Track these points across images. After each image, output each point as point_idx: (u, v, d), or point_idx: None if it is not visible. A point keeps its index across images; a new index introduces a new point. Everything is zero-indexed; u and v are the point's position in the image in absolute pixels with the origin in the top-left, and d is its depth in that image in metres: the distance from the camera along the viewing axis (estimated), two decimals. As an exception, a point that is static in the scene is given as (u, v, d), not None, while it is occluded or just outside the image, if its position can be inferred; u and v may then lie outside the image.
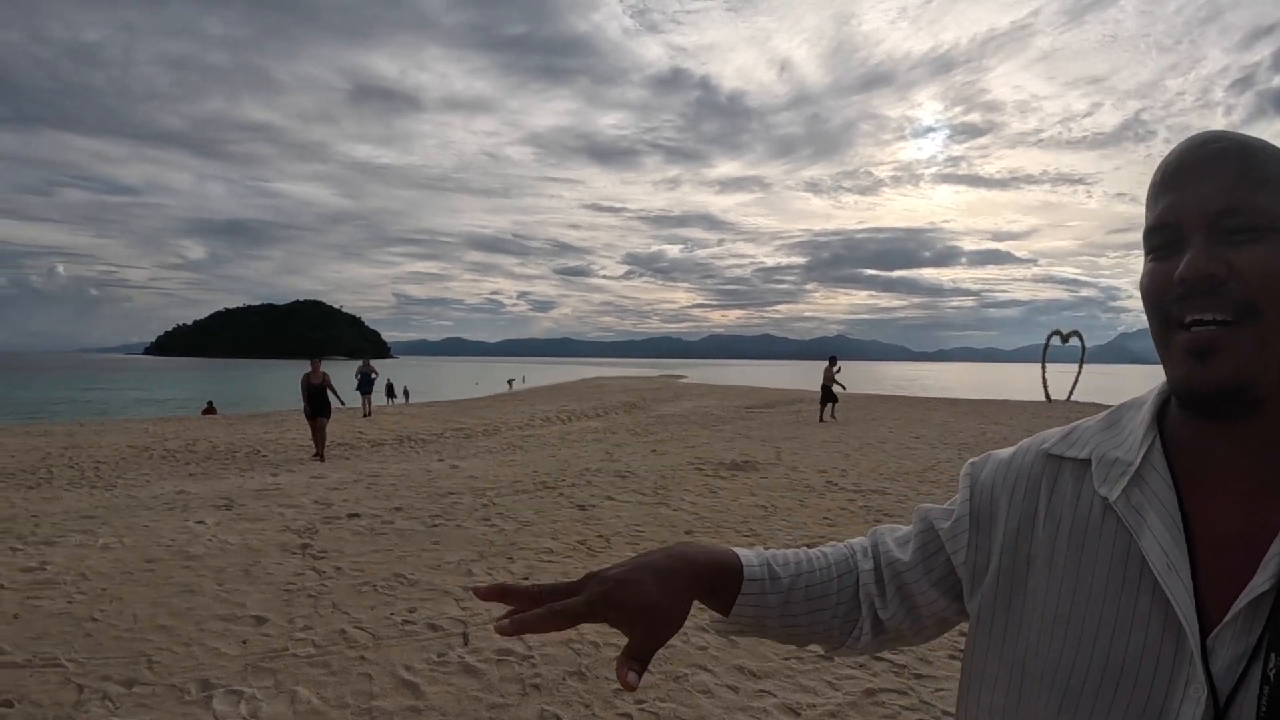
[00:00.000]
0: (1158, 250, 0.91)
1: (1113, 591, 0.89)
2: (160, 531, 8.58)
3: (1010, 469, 1.06)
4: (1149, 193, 0.95)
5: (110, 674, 4.81)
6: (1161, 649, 0.85)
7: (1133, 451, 0.95)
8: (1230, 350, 0.83)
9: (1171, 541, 0.87)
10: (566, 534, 8.76)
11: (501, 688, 4.74)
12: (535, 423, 26.87)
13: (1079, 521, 0.95)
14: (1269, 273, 0.84)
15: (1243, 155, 0.88)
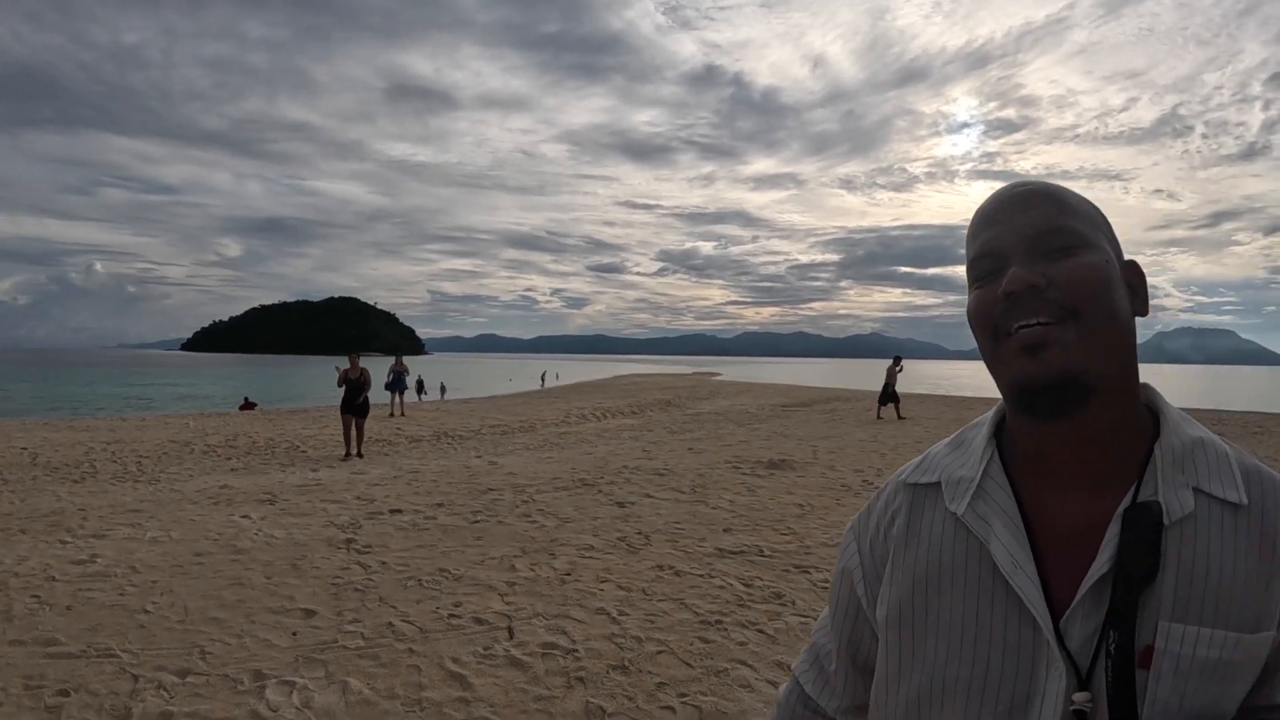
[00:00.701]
0: (982, 278, 1.03)
1: (972, 597, 0.99)
2: (207, 525, 8.73)
3: (872, 515, 1.18)
4: (970, 232, 1.08)
5: (164, 664, 4.91)
6: (1021, 639, 0.95)
7: (974, 468, 1.06)
8: (1058, 343, 0.94)
9: (1015, 542, 0.98)
10: (606, 531, 8.82)
11: (547, 680, 4.81)
12: (571, 420, 26.94)
13: (936, 540, 1.05)
14: (1083, 279, 0.97)
15: (1052, 193, 1.04)
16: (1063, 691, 0.91)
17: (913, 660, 1.03)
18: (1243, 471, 0.99)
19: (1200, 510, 0.95)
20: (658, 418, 27.87)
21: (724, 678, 4.90)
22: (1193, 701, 0.91)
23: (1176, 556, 0.93)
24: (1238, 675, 0.93)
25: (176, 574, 6.81)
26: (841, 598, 1.20)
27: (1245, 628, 0.93)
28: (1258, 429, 23.47)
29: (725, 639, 5.53)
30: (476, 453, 16.90)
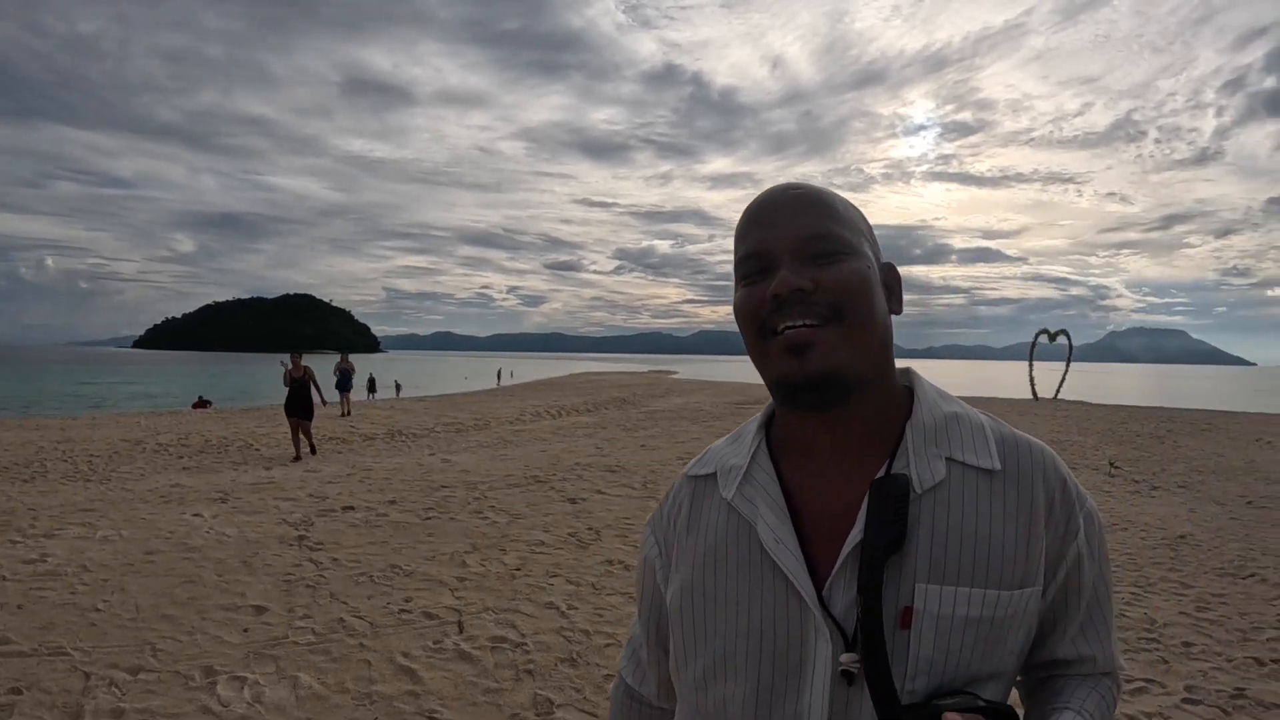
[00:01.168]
0: (750, 276, 1.10)
1: (744, 575, 1.09)
2: (158, 524, 8.75)
3: (664, 509, 1.28)
4: (737, 231, 1.14)
5: (116, 662, 4.98)
6: (789, 610, 1.04)
7: (744, 456, 1.17)
8: (822, 344, 1.02)
9: (778, 521, 1.08)
10: (557, 527, 8.97)
11: (496, 673, 4.95)
12: (526, 417, 26.97)
13: (713, 525, 1.16)
14: (848, 284, 1.05)
15: (821, 199, 1.10)
16: (831, 655, 1.01)
17: (697, 638, 1.12)
18: (998, 440, 1.10)
19: (954, 478, 1.06)
20: (613, 415, 27.98)
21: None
22: (959, 657, 1.00)
23: (930, 522, 1.03)
24: (1008, 631, 1.02)
25: (128, 572, 6.85)
26: (645, 587, 1.29)
27: (1006, 584, 1.02)
28: (1206, 426, 23.99)
29: (670, 631, 5.68)
30: (430, 450, 16.95)
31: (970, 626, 1.00)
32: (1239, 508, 11.09)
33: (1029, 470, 1.08)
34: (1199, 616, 6.28)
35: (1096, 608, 1.14)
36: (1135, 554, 8.22)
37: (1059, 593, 1.10)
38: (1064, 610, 1.12)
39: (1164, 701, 4.75)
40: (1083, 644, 1.14)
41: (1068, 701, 1.11)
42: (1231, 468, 15.08)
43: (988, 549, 1.02)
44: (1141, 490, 12.56)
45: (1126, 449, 17.96)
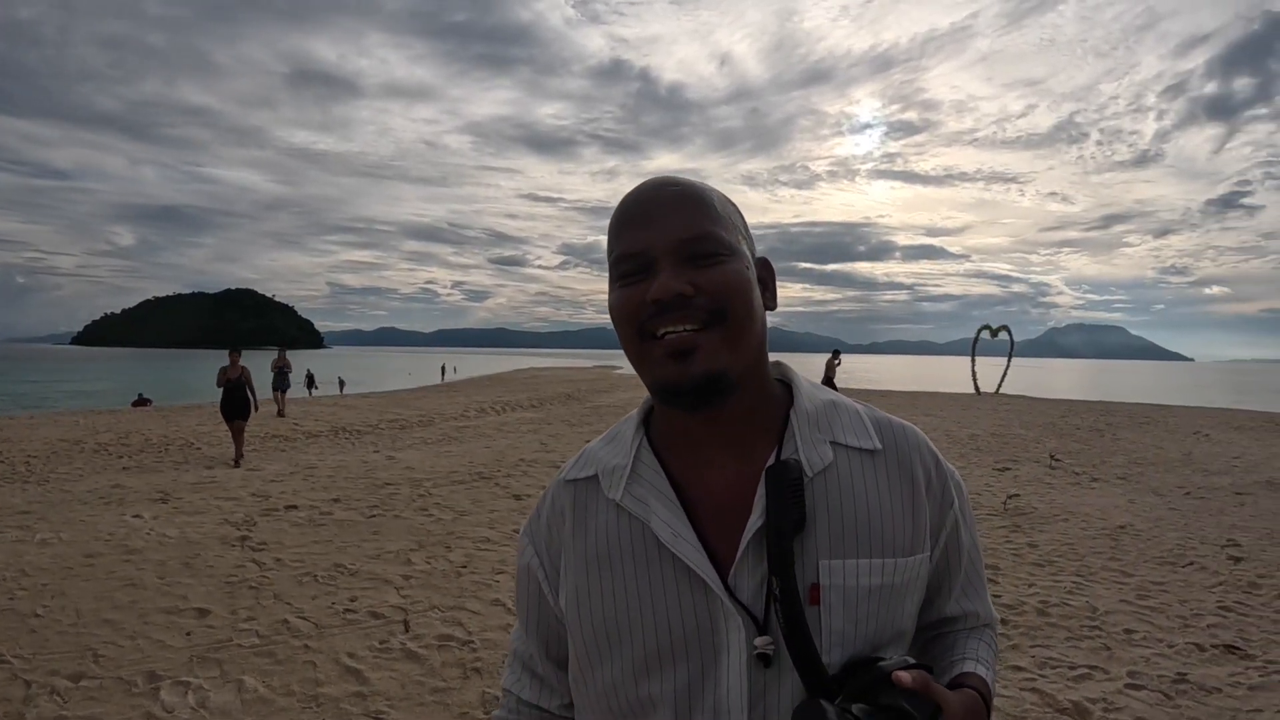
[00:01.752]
0: (627, 276, 1.10)
1: (644, 573, 1.10)
2: (98, 526, 8.61)
3: (541, 515, 1.26)
4: (611, 228, 1.14)
5: (57, 669, 4.89)
6: (696, 602, 1.06)
7: (626, 456, 1.17)
8: (705, 348, 1.04)
9: (672, 516, 1.09)
10: (503, 523, 8.98)
11: (443, 672, 4.94)
12: (470, 413, 26.89)
13: (602, 528, 1.15)
14: (729, 285, 1.06)
15: (699, 197, 1.11)
16: (744, 640, 1.03)
17: (600, 643, 1.12)
18: (874, 423, 1.17)
19: (840, 460, 1.11)
20: (558, 411, 28.01)
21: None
22: (866, 626, 1.05)
23: (825, 502, 1.08)
24: (905, 595, 1.09)
25: (68, 576, 6.74)
26: (530, 595, 1.26)
27: (899, 552, 1.09)
28: (1145, 419, 24.48)
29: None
30: (374, 447, 16.86)
31: (873, 595, 1.06)
32: (1177, 498, 11.35)
33: (906, 448, 1.16)
34: (1140, 604, 6.43)
35: (973, 568, 1.24)
36: (1076, 544, 8.38)
37: (941, 557, 1.18)
38: (947, 572, 1.21)
39: (1108, 687, 4.87)
40: (965, 601, 1.24)
41: (964, 652, 1.20)
42: (1170, 460, 15.41)
43: (880, 522, 1.09)
44: (1082, 482, 12.80)
45: (1067, 442, 18.29)
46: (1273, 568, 7.53)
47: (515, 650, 1.32)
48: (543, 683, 1.29)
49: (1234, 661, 5.29)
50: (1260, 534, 8.99)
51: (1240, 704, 4.64)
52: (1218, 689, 4.84)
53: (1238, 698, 4.73)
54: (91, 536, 8.14)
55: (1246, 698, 4.73)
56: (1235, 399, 49.40)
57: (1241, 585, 6.99)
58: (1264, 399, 51.62)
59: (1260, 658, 5.34)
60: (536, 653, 1.27)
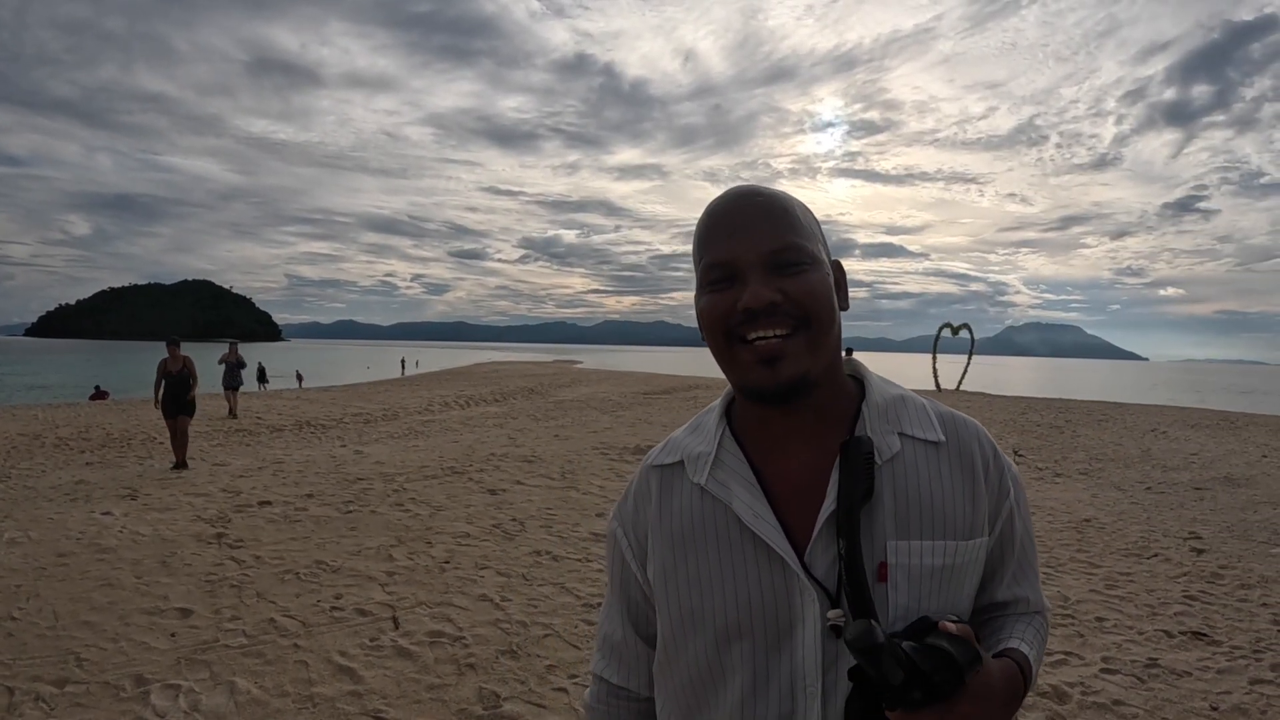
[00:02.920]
0: (716, 283, 1.18)
1: (726, 552, 1.19)
2: (67, 524, 8.51)
3: (629, 498, 1.35)
4: (699, 235, 1.22)
5: (40, 674, 4.82)
6: (774, 578, 1.15)
7: (710, 443, 1.26)
8: (793, 355, 1.13)
9: (753, 498, 1.19)
10: (480, 518, 8.99)
11: (437, 669, 4.95)
12: (435, 408, 26.88)
13: (686, 510, 1.24)
14: (813, 295, 1.15)
15: (785, 210, 1.19)
16: (818, 613, 1.12)
17: (687, 618, 1.21)
18: (938, 416, 1.26)
19: (906, 450, 1.20)
20: (521, 405, 28.04)
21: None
22: (929, 603, 1.14)
23: (892, 487, 1.16)
24: (965, 576, 1.19)
25: (40, 577, 6.64)
26: (623, 580, 1.36)
27: (960, 535, 1.18)
28: (1102, 417, 24.84)
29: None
30: (341, 442, 16.80)
31: (935, 575, 1.15)
32: (1139, 493, 11.60)
33: (967, 440, 1.24)
34: (1109, 594, 6.62)
35: (1025, 556, 1.31)
36: (1044, 536, 8.59)
37: (996, 544, 1.26)
38: (1000, 559, 1.28)
39: (1084, 672, 5.04)
40: (1017, 587, 1.30)
41: (1011, 633, 1.26)
42: (1129, 456, 15.71)
43: (943, 506, 1.18)
44: (1045, 477, 13.03)
45: (1028, 438, 18.59)
46: (1233, 559, 7.78)
47: (604, 634, 1.42)
48: (629, 666, 1.37)
49: (1201, 647, 5.50)
50: (1220, 527, 9.26)
51: (1210, 686, 4.85)
52: (1188, 673, 5.04)
53: (1207, 680, 4.93)
54: (61, 535, 8.03)
55: (1215, 680, 4.94)
56: (1189, 397, 50.32)
57: (1205, 575, 7.22)
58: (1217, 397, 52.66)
59: (1226, 643, 5.56)
60: (625, 632, 1.36)
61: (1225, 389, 76.18)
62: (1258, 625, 5.92)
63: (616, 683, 1.39)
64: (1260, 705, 4.59)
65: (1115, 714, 4.48)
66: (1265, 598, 6.57)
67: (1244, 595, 6.66)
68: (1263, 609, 6.30)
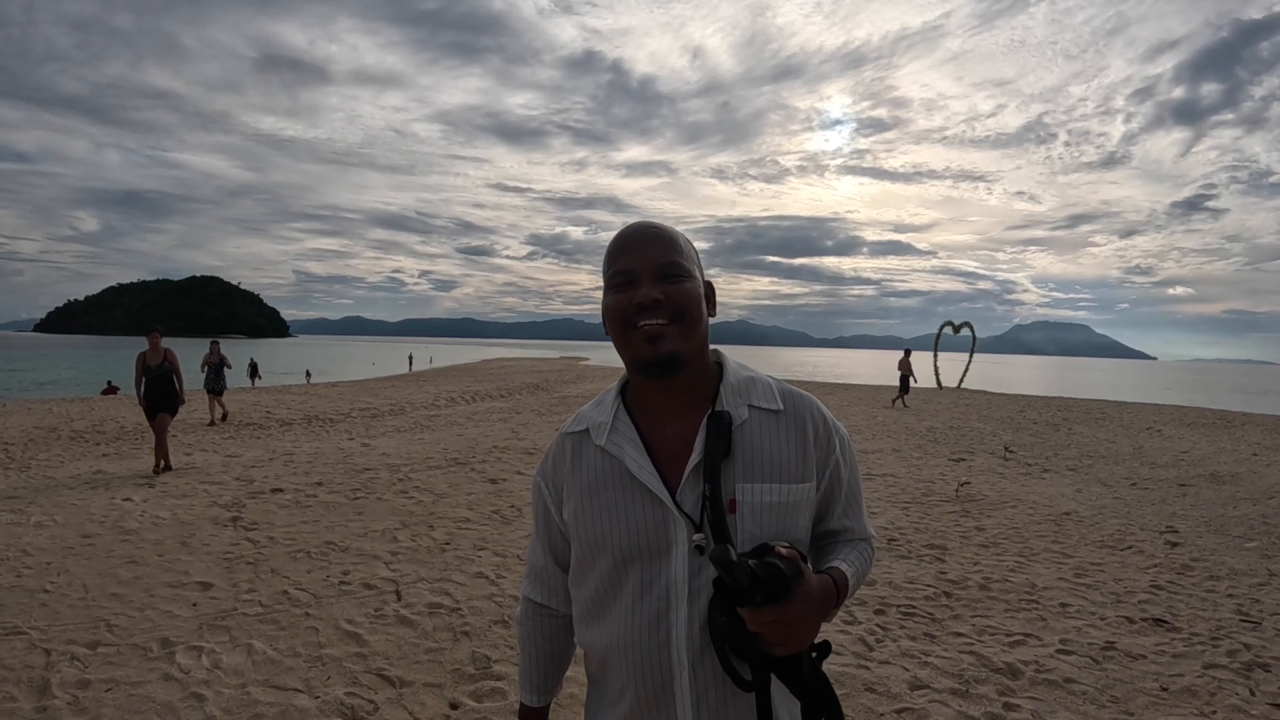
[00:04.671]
0: (620, 286, 1.57)
1: (620, 495, 1.58)
2: (90, 509, 8.90)
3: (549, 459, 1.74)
4: (610, 253, 1.63)
5: (74, 638, 5.19)
6: (655, 513, 1.54)
7: (608, 414, 1.67)
8: (670, 337, 1.53)
9: (639, 454, 1.58)
10: (481, 505, 9.38)
11: (435, 635, 5.35)
12: (440, 403, 27.10)
13: (593, 466, 1.64)
14: (686, 296, 1.56)
15: (671, 238, 1.60)
16: (686, 537, 1.50)
17: (593, 545, 1.60)
18: (781, 392, 1.64)
19: (753, 417, 1.59)
20: (526, 401, 28.30)
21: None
22: (768, 530, 1.51)
23: (741, 444, 1.55)
24: (798, 511, 1.56)
25: (69, 555, 7.02)
26: (544, 522, 1.76)
27: (792, 479, 1.56)
28: (1100, 415, 24.97)
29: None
30: (349, 435, 17.14)
31: (773, 509, 1.53)
32: (1123, 489, 11.84)
33: (801, 410, 1.63)
34: (1076, 582, 6.87)
35: (852, 495, 1.72)
36: (1021, 528, 8.86)
37: (827, 487, 1.65)
38: (831, 498, 1.68)
39: (1040, 651, 5.31)
40: (845, 519, 1.72)
41: (836, 555, 1.65)
42: (1120, 453, 15.92)
43: (779, 458, 1.56)
44: (1033, 472, 13.29)
45: (1023, 435, 18.78)
46: (1206, 552, 8.00)
47: (530, 564, 1.84)
48: (549, 588, 1.80)
49: (1161, 633, 5.71)
50: (1198, 522, 9.48)
51: (1163, 669, 5.06)
52: (1143, 656, 5.26)
53: (1161, 664, 5.15)
54: (85, 518, 8.42)
55: (1169, 664, 5.15)
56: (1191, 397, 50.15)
57: (1175, 567, 7.44)
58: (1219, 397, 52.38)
59: (1186, 630, 5.77)
60: (547, 561, 1.78)
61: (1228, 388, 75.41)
62: (1220, 615, 6.12)
63: (540, 601, 1.82)
64: (1211, 688, 4.79)
65: (1065, 690, 4.72)
66: (1232, 589, 6.77)
67: (1211, 586, 6.87)
68: (1228, 599, 6.49)
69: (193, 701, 4.34)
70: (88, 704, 4.31)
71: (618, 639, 1.57)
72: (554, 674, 1.87)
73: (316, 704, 4.33)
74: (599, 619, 1.62)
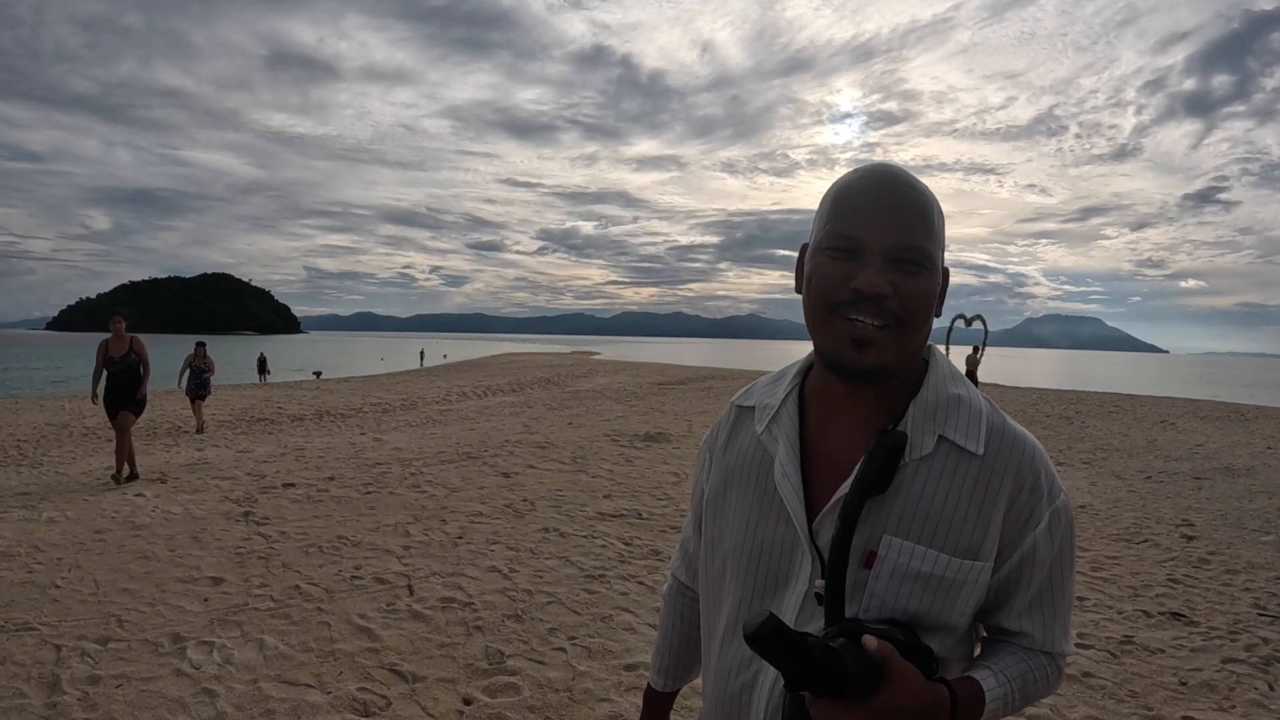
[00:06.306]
0: (836, 251, 1.19)
1: (757, 497, 1.31)
2: (101, 505, 8.89)
3: (715, 427, 1.51)
4: (837, 200, 1.23)
5: (84, 634, 5.18)
6: (784, 534, 1.25)
7: (778, 397, 1.37)
8: (881, 346, 1.17)
9: (789, 458, 1.28)
10: (493, 499, 9.35)
11: (448, 630, 5.31)
12: (452, 397, 27.16)
13: (744, 451, 1.38)
14: (918, 298, 1.18)
15: (925, 209, 1.20)
16: (809, 577, 1.21)
17: (713, 540, 1.37)
18: (989, 428, 1.24)
19: (940, 453, 1.21)
20: (538, 395, 28.34)
21: (609, 623, 5.47)
22: (907, 603, 1.17)
23: (910, 486, 1.19)
24: (955, 592, 1.19)
25: (80, 551, 7.01)
26: (696, 490, 1.52)
27: (959, 553, 1.18)
28: (1114, 408, 24.96)
29: (608, 590, 6.13)
30: (360, 430, 17.14)
31: (920, 579, 1.17)
32: (1138, 482, 11.80)
33: (1006, 460, 1.22)
34: (1093, 575, 6.84)
35: (1048, 593, 1.28)
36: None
37: (1012, 572, 1.24)
38: (1014, 588, 1.26)
39: (1055, 646, 5.25)
40: (1025, 621, 1.28)
41: (992, 662, 1.26)
42: (1134, 446, 15.86)
43: (950, 520, 1.19)
44: (1046, 466, 13.24)
45: (1035, 428, 18.73)
46: (1223, 545, 7.98)
47: (683, 538, 1.67)
48: (689, 562, 1.63)
49: (1178, 627, 5.68)
50: (1213, 515, 9.45)
51: (1181, 663, 5.03)
52: (1161, 650, 5.23)
53: (1179, 658, 5.12)
54: (97, 514, 8.41)
55: (1187, 658, 5.12)
56: (1204, 390, 49.97)
57: (1192, 561, 7.40)
58: (1232, 390, 52.20)
59: (1204, 624, 5.74)
60: (695, 537, 1.57)
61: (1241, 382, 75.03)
62: (1238, 608, 6.09)
63: (684, 580, 1.63)
64: (1230, 682, 4.76)
65: (1084, 685, 4.68)
66: (1249, 583, 6.74)
67: (1228, 580, 6.84)
68: (1245, 593, 6.46)
69: (204, 697, 4.31)
70: (98, 700, 4.28)
71: (711, 666, 1.36)
72: (685, 658, 1.66)
73: (328, 699, 4.31)
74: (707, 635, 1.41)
